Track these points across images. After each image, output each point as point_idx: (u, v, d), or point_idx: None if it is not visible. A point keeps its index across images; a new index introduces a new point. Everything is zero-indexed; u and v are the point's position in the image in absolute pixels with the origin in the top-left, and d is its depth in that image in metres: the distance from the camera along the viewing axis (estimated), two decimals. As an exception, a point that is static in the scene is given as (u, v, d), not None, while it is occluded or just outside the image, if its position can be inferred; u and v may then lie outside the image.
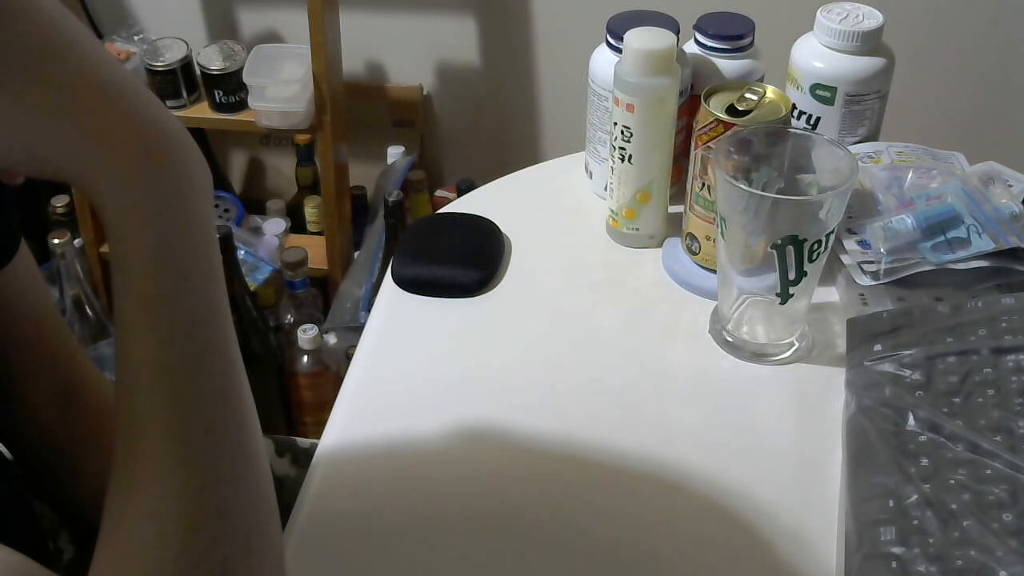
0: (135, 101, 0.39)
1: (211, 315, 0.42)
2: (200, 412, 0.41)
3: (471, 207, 0.88)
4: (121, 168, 0.38)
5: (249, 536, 0.42)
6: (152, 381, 0.40)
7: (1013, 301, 0.64)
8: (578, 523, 0.61)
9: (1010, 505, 0.54)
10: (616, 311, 0.77)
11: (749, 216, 0.65)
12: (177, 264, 0.40)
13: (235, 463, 0.42)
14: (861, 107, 0.81)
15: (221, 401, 0.42)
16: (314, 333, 1.48)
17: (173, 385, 0.40)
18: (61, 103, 0.37)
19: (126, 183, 0.38)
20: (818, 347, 0.72)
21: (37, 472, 0.61)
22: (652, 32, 0.74)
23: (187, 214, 0.40)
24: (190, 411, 0.41)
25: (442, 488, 0.63)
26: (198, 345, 0.41)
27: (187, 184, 0.40)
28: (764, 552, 0.59)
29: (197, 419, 0.41)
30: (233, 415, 0.42)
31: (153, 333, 0.40)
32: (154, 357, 0.40)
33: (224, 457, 0.42)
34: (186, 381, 0.40)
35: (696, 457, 0.65)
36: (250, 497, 0.43)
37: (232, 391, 0.42)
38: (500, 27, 1.63)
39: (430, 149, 1.78)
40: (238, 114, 1.53)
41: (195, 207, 0.41)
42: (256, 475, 0.43)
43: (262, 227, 1.71)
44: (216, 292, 0.42)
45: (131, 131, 0.38)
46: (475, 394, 0.70)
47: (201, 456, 0.41)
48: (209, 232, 0.42)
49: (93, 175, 0.38)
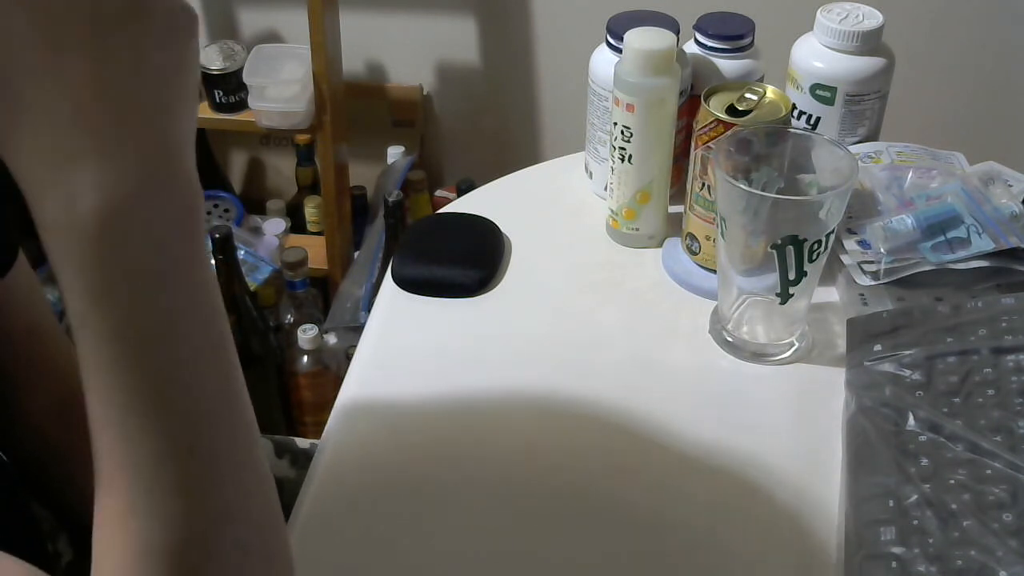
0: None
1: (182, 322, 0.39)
2: (187, 432, 0.39)
3: (471, 207, 0.87)
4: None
5: (251, 540, 0.41)
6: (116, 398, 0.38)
7: (1013, 301, 0.64)
8: (577, 524, 0.61)
9: (1010, 505, 0.54)
10: (616, 311, 0.77)
11: (749, 216, 0.65)
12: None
13: (231, 485, 0.40)
14: (861, 107, 0.81)
15: (212, 417, 0.40)
16: (314, 333, 1.48)
17: (142, 402, 0.38)
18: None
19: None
20: (818, 347, 0.72)
21: (35, 478, 0.61)
22: (652, 32, 0.74)
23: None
24: (176, 432, 0.38)
25: (442, 488, 0.63)
26: (180, 353, 0.38)
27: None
28: (764, 552, 0.59)
29: (184, 441, 0.38)
30: (227, 431, 0.40)
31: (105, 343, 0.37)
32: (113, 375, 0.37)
33: (218, 481, 0.40)
34: (161, 390, 0.38)
35: (695, 457, 0.65)
36: (253, 508, 0.42)
37: (224, 402, 0.40)
38: (500, 27, 1.63)
39: (430, 149, 1.78)
40: (238, 114, 1.53)
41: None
42: (255, 488, 0.42)
43: (262, 227, 1.71)
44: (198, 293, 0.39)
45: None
46: (475, 394, 0.70)
47: (190, 480, 0.38)
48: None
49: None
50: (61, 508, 0.64)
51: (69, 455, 0.61)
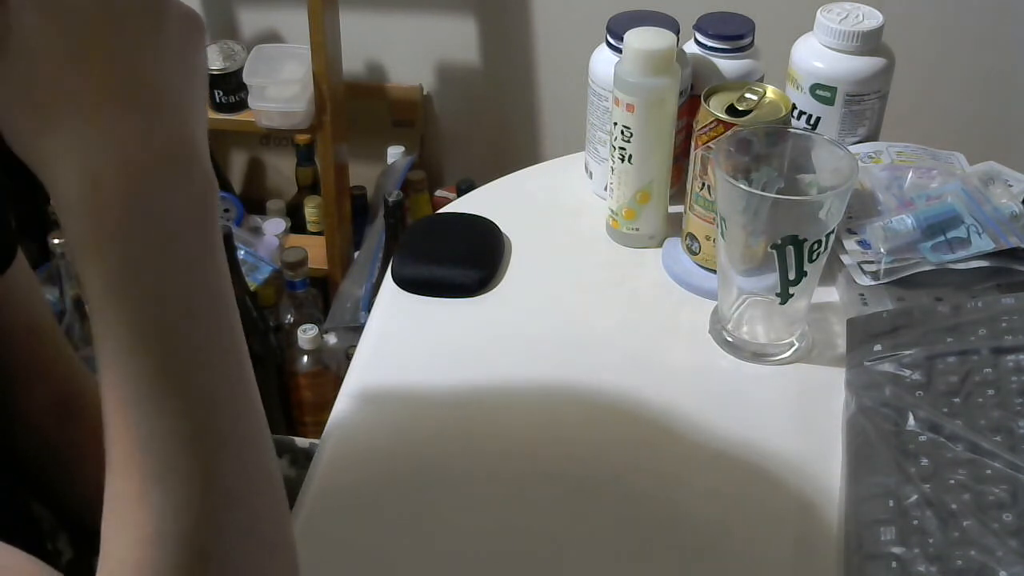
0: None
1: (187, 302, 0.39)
2: (198, 418, 0.39)
3: (471, 207, 0.87)
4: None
5: (257, 526, 0.41)
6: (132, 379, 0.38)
7: (1013, 301, 0.64)
8: (577, 521, 0.61)
9: (1010, 505, 0.54)
10: (616, 311, 0.77)
11: (749, 216, 0.65)
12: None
13: (242, 470, 0.41)
14: (861, 107, 0.81)
15: (223, 403, 0.40)
16: (314, 333, 1.48)
17: (157, 390, 0.38)
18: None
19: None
20: (818, 347, 0.72)
21: (35, 477, 0.61)
22: (652, 32, 0.74)
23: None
24: (187, 420, 0.39)
25: (442, 487, 0.63)
26: (192, 342, 0.39)
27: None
28: (764, 552, 0.59)
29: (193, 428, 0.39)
30: (237, 421, 0.41)
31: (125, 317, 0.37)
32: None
33: (229, 466, 0.40)
34: (176, 380, 0.38)
35: (695, 457, 0.65)
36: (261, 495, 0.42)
37: (233, 392, 0.41)
38: (500, 27, 1.63)
39: (430, 149, 1.78)
40: (238, 114, 1.53)
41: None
42: (262, 474, 0.42)
43: (262, 227, 1.71)
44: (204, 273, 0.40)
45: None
46: (475, 394, 0.70)
47: (202, 465, 0.39)
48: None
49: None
50: (61, 507, 0.64)
51: (68, 454, 0.61)
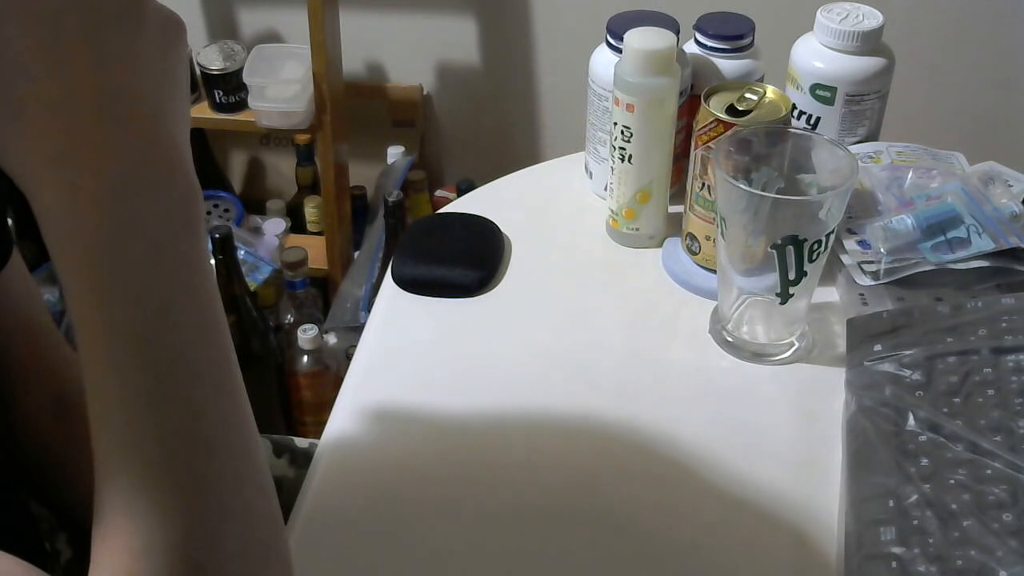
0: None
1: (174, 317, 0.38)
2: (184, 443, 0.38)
3: (471, 207, 0.87)
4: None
5: (250, 536, 0.41)
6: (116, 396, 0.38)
7: (1013, 301, 0.64)
8: (577, 522, 0.61)
9: (1010, 505, 0.54)
10: (616, 311, 0.77)
11: (749, 216, 0.65)
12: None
13: (231, 480, 0.40)
14: (861, 107, 0.81)
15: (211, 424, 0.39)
16: (314, 333, 1.48)
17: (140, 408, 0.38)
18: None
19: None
20: (818, 347, 0.72)
21: (34, 476, 0.61)
22: (652, 32, 0.74)
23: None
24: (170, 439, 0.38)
25: (442, 488, 0.63)
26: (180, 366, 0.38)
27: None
28: (764, 552, 0.59)
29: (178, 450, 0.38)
30: (227, 440, 0.40)
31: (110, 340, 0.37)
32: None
33: (218, 476, 0.39)
34: (160, 395, 0.38)
35: (696, 457, 0.65)
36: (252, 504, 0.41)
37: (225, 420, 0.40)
38: (500, 27, 1.63)
39: (430, 149, 1.78)
40: (238, 114, 1.53)
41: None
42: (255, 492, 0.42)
43: (262, 227, 1.71)
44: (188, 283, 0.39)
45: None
46: (475, 394, 0.70)
47: (190, 475, 0.38)
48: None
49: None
50: (60, 507, 0.64)
51: (67, 454, 0.61)
